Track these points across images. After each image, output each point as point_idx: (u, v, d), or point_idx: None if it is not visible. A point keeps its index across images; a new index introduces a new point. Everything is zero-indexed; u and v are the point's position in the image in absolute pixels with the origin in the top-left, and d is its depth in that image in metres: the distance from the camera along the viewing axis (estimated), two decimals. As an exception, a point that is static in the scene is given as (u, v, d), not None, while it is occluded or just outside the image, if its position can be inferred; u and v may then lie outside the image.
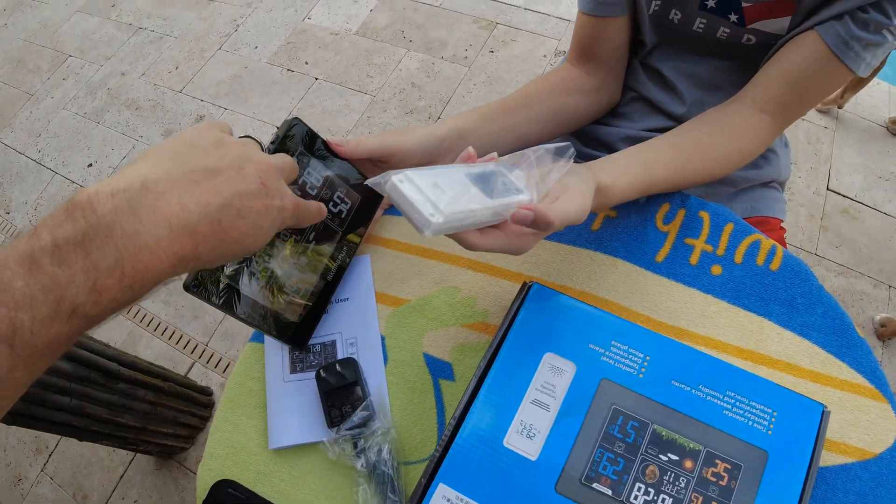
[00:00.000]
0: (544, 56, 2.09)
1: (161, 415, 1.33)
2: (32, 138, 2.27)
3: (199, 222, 0.37)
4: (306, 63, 2.18)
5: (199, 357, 1.65)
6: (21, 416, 1.02)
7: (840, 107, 1.89)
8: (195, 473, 1.46)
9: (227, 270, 0.54)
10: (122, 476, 1.54)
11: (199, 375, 1.62)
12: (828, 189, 1.76)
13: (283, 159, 0.46)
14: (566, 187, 0.51)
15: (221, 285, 0.53)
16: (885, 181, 1.78)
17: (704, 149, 0.65)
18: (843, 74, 0.62)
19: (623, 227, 0.65)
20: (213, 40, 2.35)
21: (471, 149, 0.49)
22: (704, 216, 0.66)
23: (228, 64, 2.25)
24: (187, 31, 2.43)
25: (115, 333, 1.73)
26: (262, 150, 0.47)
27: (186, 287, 0.51)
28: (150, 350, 1.68)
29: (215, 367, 1.62)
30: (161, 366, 1.40)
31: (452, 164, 0.47)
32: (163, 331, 1.71)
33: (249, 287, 0.55)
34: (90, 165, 2.12)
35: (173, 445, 1.46)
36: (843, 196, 1.75)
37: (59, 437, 1.58)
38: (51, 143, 2.23)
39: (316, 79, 2.10)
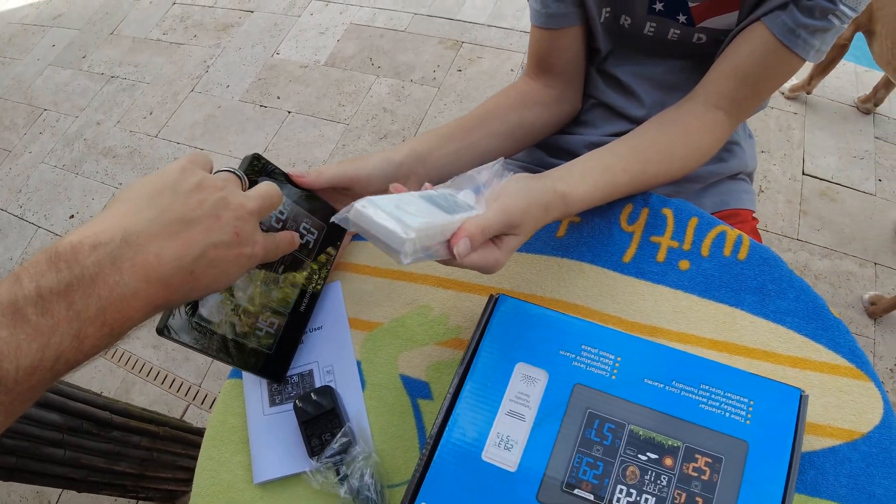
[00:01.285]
0: (511, 70, 2.11)
1: (158, 460, 1.32)
2: (13, 194, 2.26)
3: (173, 275, 0.39)
4: (278, 97, 2.20)
5: (193, 399, 1.64)
6: (16, 471, 1.01)
7: (808, 92, 1.91)
8: (198, 516, 1.46)
9: (200, 311, 0.54)
10: (125, 526, 1.52)
11: (195, 417, 1.61)
12: (803, 174, 1.77)
13: (264, 194, 0.48)
14: (499, 195, 0.52)
15: (195, 327, 0.54)
16: (859, 160, 1.79)
17: (662, 150, 0.66)
18: (794, 63, 0.62)
19: (588, 231, 0.66)
20: (185, 83, 2.36)
21: (427, 184, 0.52)
22: (668, 213, 0.66)
23: (201, 105, 2.26)
24: (159, 76, 2.44)
25: (108, 382, 1.72)
26: (242, 187, 0.49)
27: (159, 331, 0.51)
28: (145, 396, 1.67)
29: (210, 407, 1.61)
30: (155, 411, 1.39)
31: (404, 192, 0.48)
32: (155, 375, 1.70)
33: (222, 326, 0.56)
34: (72, 217, 2.12)
35: (174, 490, 1.44)
36: (820, 179, 1.76)
37: (59, 490, 1.56)
38: (32, 197, 2.23)
39: (289, 112, 2.12)
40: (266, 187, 0.49)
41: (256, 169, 0.57)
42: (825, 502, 0.51)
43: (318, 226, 0.63)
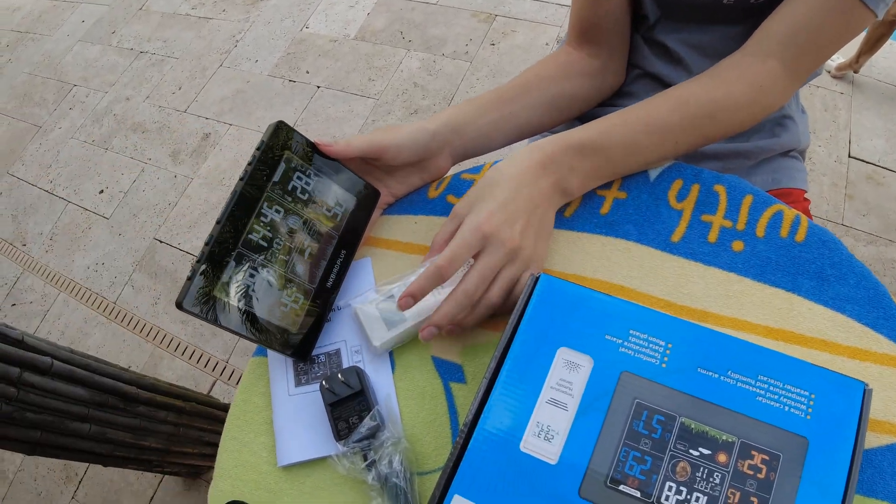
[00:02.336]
0: (546, 44, 2.04)
1: (185, 435, 1.32)
2: (43, 170, 2.28)
3: None
4: (307, 72, 2.17)
5: (220, 374, 1.64)
6: (41, 445, 1.01)
7: (856, 71, 1.83)
8: (223, 492, 1.45)
9: (222, 283, 0.52)
10: (151, 499, 1.53)
11: (222, 393, 1.61)
12: (850, 156, 1.69)
13: None
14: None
15: (217, 301, 0.51)
16: (908, 143, 1.71)
17: (701, 103, 0.61)
18: (861, 16, 0.57)
19: (634, 208, 0.62)
20: (214, 58, 2.35)
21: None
22: (720, 190, 0.62)
23: (230, 80, 2.25)
24: (188, 51, 2.43)
25: (136, 357, 1.73)
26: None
27: (179, 305, 0.49)
28: (172, 371, 1.68)
29: (237, 383, 1.61)
30: (182, 386, 1.39)
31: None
32: (183, 350, 1.70)
33: (246, 301, 0.53)
34: (101, 192, 2.13)
35: (200, 465, 1.45)
36: (867, 162, 1.68)
37: (87, 463, 1.58)
38: (61, 172, 2.24)
39: (318, 87, 2.09)
40: None
41: (281, 138, 0.54)
42: (882, 503, 0.47)
43: (346, 198, 0.60)
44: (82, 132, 2.33)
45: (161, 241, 1.93)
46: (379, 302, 0.57)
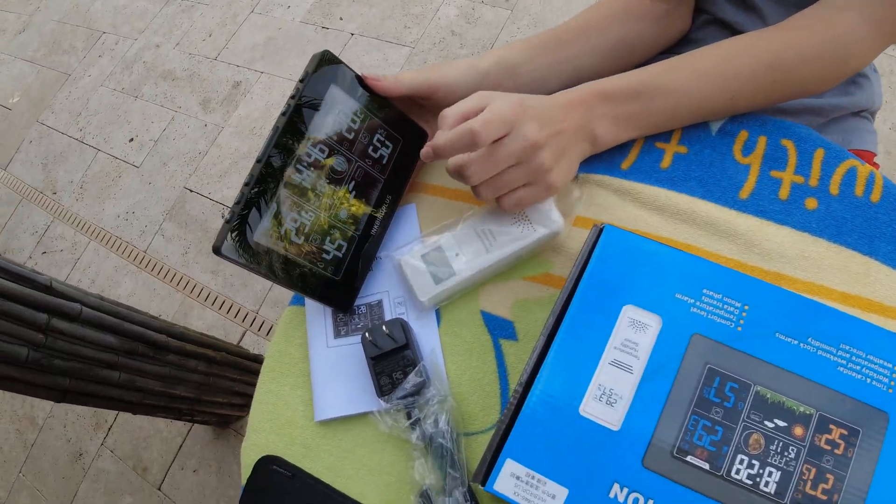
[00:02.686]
0: (591, -5, 1.95)
1: (215, 385, 1.32)
2: (73, 118, 2.27)
3: None
4: (341, 19, 2.09)
5: (251, 325, 1.63)
6: (70, 392, 1.01)
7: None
8: (251, 443, 1.47)
9: (261, 227, 0.48)
10: (180, 447, 1.55)
11: (252, 344, 1.61)
12: (906, 122, 1.60)
13: None
14: None
15: (256, 246, 0.48)
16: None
17: (771, 50, 0.55)
18: None
19: (697, 162, 0.57)
20: (245, 4, 2.29)
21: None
22: (788, 144, 0.56)
23: (262, 27, 2.19)
24: (218, -3, 2.38)
25: (166, 306, 1.73)
26: None
27: (216, 250, 0.46)
28: (202, 321, 1.68)
29: (267, 334, 1.61)
30: (212, 336, 1.39)
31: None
32: (213, 300, 1.70)
33: (286, 246, 0.50)
34: (131, 140, 2.11)
35: (229, 415, 1.45)
36: (923, 130, 1.59)
37: (116, 411, 1.60)
38: (91, 120, 2.23)
39: (352, 34, 2.02)
40: None
41: (326, 70, 0.50)
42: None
43: (393, 139, 0.56)
44: (112, 80, 2.30)
45: (191, 191, 1.91)
46: (425, 254, 0.54)
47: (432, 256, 0.53)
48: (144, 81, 2.24)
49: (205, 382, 1.28)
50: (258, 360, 1.53)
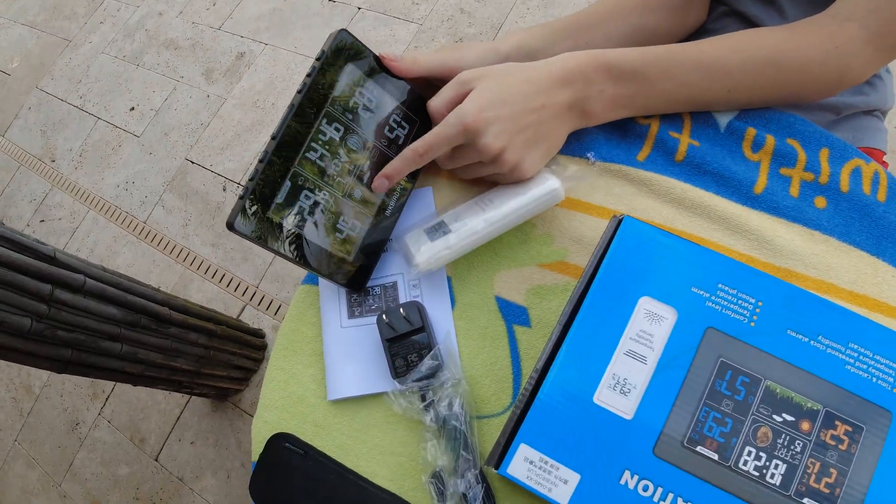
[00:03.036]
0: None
1: (214, 358, 1.33)
2: (73, 85, 2.24)
3: None
4: (348, -8, 2.08)
5: (251, 299, 1.63)
6: (72, 364, 1.01)
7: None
8: (250, 415, 1.48)
9: (276, 204, 0.48)
10: (178, 418, 1.56)
11: (251, 318, 1.61)
12: (911, 121, 1.61)
13: None
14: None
15: (270, 223, 0.48)
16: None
17: (773, 48, 0.55)
18: None
19: (711, 157, 0.57)
20: (250, -27, 2.26)
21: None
22: (794, 143, 0.57)
23: (267, -3, 2.16)
24: (223, -34, 2.34)
25: (166, 277, 1.73)
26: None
27: (230, 225, 0.46)
28: (202, 294, 1.68)
29: (266, 308, 1.61)
30: (213, 309, 1.39)
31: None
32: (213, 274, 1.70)
33: (300, 224, 0.50)
34: (132, 109, 2.09)
35: (228, 388, 1.46)
36: (929, 128, 1.59)
37: (114, 382, 1.61)
38: (92, 88, 2.20)
39: (359, 8, 2.00)
40: None
41: (343, 48, 0.50)
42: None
43: (409, 120, 0.56)
44: (113, 47, 2.27)
45: (193, 162, 1.90)
46: (427, 228, 0.54)
47: (434, 229, 0.54)
48: (146, 50, 2.21)
49: (205, 356, 1.29)
50: (258, 334, 1.54)
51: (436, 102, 0.54)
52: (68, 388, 1.69)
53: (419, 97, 0.57)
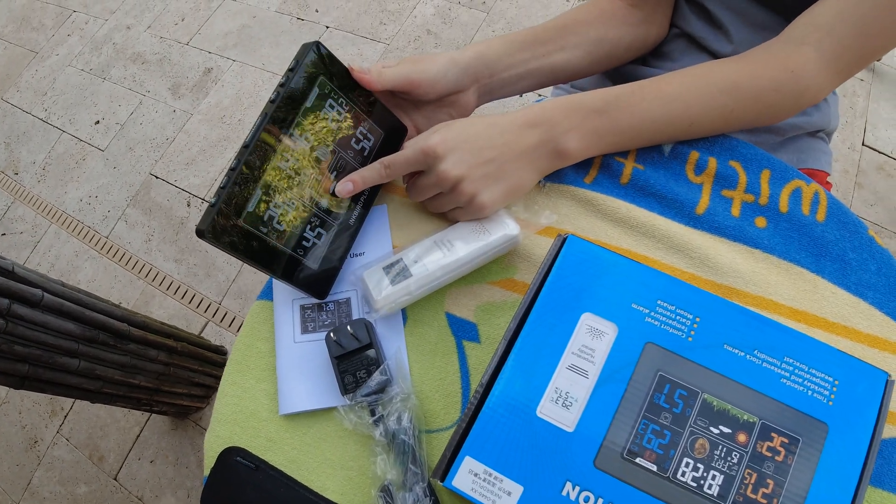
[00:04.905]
0: (567, 0, 1.98)
1: (175, 375, 1.31)
2: (38, 97, 2.21)
3: None
4: (316, 11, 2.09)
5: (213, 316, 1.62)
6: (29, 379, 0.99)
7: (878, 58, 1.79)
8: (210, 434, 1.46)
9: (246, 213, 0.49)
10: (137, 436, 1.53)
11: (213, 334, 1.60)
12: (863, 145, 1.67)
13: None
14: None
15: (240, 231, 0.49)
16: (924, 137, 1.69)
17: (730, 80, 0.58)
18: None
19: (654, 179, 0.59)
20: (220, -10, 2.26)
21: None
22: (736, 166, 0.59)
23: (236, 14, 2.16)
24: (193, -19, 2.34)
25: (127, 293, 1.71)
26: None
27: (199, 233, 0.46)
28: (164, 310, 1.66)
29: (229, 325, 1.60)
30: (173, 325, 1.37)
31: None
32: (175, 290, 1.68)
33: (269, 233, 0.51)
34: (97, 122, 2.07)
35: (188, 405, 1.44)
36: (880, 152, 1.66)
37: (73, 399, 1.57)
38: (57, 101, 2.18)
39: (327, 27, 2.01)
40: None
41: (315, 61, 0.51)
42: (887, 493, 0.47)
43: (375, 132, 0.57)
44: (80, 60, 2.25)
45: (157, 177, 1.88)
46: (386, 266, 0.55)
47: (393, 268, 0.54)
48: (113, 63, 2.19)
49: (165, 372, 1.27)
50: (220, 351, 1.52)
51: (409, 142, 0.57)
52: (27, 406, 1.65)
53: (384, 109, 0.58)
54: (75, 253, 1.83)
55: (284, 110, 0.50)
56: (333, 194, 0.55)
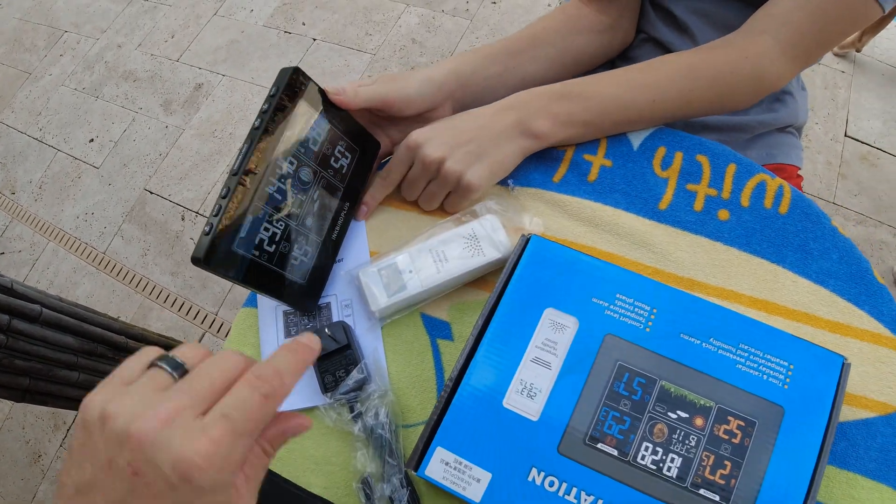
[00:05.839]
0: (549, 5, 2.01)
1: (172, 386, 1.33)
2: (33, 117, 2.24)
3: None
4: (303, 24, 2.12)
5: (210, 327, 1.64)
6: (30, 392, 1.02)
7: (858, 50, 1.81)
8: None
9: (239, 238, 0.51)
10: (138, 448, 1.55)
11: (211, 345, 1.62)
12: (846, 135, 1.69)
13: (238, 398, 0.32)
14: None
15: (234, 256, 0.50)
16: (905, 126, 1.71)
17: (688, 64, 0.61)
18: (866, 6, 0.56)
19: (621, 176, 0.62)
20: (209, 6, 2.29)
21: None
22: (703, 160, 0.62)
23: (224, 29, 2.20)
24: (182, -2, 2.38)
25: (125, 307, 1.73)
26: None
27: (196, 261, 0.48)
28: (161, 322, 1.68)
29: (225, 335, 1.62)
30: (171, 337, 1.40)
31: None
32: (172, 302, 1.70)
33: (262, 255, 0.53)
34: (91, 140, 2.10)
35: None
36: (862, 143, 1.68)
37: (74, 411, 1.59)
38: (51, 120, 2.21)
39: (314, 39, 2.05)
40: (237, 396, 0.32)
41: (295, 85, 0.53)
42: (853, 475, 0.49)
43: (351, 149, 0.60)
44: (73, 79, 2.28)
45: (151, 192, 1.91)
46: (381, 268, 0.57)
47: (388, 272, 0.57)
48: (106, 82, 2.22)
49: (163, 383, 1.29)
50: (218, 361, 1.54)
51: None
52: (30, 420, 1.67)
53: (359, 128, 0.61)
54: (73, 269, 1.86)
55: (268, 135, 0.52)
56: (320, 215, 0.58)
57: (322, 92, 0.56)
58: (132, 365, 0.34)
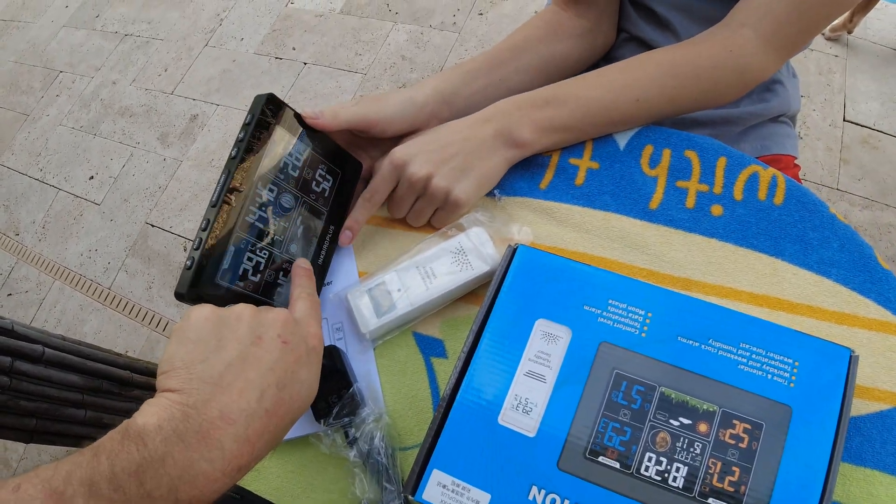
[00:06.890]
0: (535, 13, 2.01)
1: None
2: (33, 158, 2.26)
3: (247, 426, 0.38)
4: (294, 49, 2.14)
5: (216, 357, 1.63)
6: (38, 433, 1.02)
7: (849, 31, 1.79)
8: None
9: (222, 269, 0.49)
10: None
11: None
12: (844, 120, 1.67)
13: (304, 306, 0.48)
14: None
15: (218, 287, 0.49)
16: (903, 106, 1.69)
17: (670, 60, 0.60)
18: None
19: (608, 177, 0.61)
20: (199, 37, 2.31)
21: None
22: (691, 155, 0.60)
23: (216, 59, 2.21)
24: (172, 32, 2.39)
25: (133, 341, 1.73)
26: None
27: (179, 295, 0.47)
28: (169, 355, 1.68)
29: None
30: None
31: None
32: (178, 335, 1.70)
33: (246, 285, 0.51)
34: (91, 178, 2.11)
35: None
36: (861, 126, 1.66)
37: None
38: (51, 160, 2.22)
39: (305, 63, 2.06)
40: (304, 302, 0.49)
41: (270, 112, 0.53)
42: (870, 471, 0.47)
43: (332, 172, 0.59)
44: (70, 118, 2.30)
45: (153, 226, 1.92)
46: (370, 288, 0.56)
47: (377, 292, 0.56)
48: (102, 119, 2.24)
49: (172, 416, 1.29)
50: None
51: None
52: (44, 459, 1.67)
53: (340, 150, 0.60)
54: (80, 306, 1.86)
55: (245, 164, 0.51)
56: (305, 241, 0.57)
57: (299, 116, 0.56)
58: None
